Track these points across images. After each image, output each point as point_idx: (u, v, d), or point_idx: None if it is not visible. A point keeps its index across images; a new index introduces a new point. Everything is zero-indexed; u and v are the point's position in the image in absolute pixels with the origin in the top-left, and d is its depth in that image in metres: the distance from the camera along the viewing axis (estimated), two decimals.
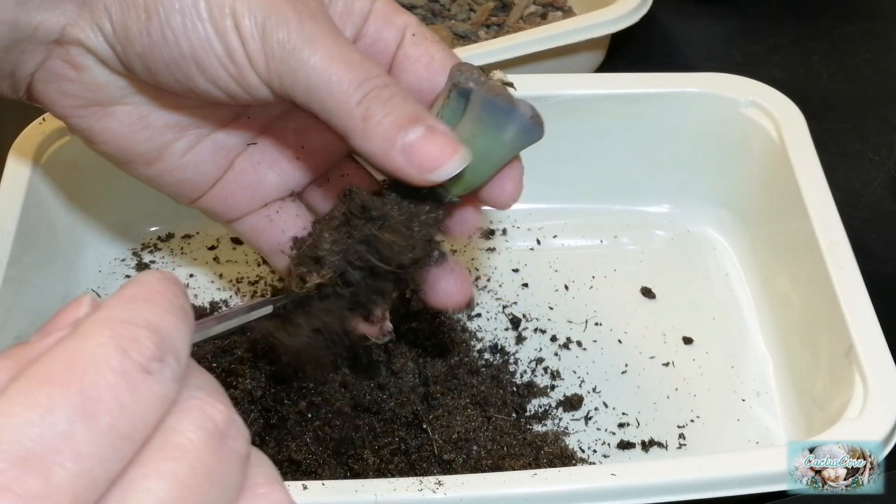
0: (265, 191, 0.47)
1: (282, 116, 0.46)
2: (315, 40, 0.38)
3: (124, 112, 0.43)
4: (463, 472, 0.49)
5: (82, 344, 0.23)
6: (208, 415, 0.24)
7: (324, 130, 0.46)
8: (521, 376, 0.57)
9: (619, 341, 0.60)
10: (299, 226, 0.48)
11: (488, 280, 0.63)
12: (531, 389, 0.56)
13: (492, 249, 0.65)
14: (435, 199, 0.42)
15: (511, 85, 0.42)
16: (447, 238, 0.47)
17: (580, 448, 0.54)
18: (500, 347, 0.59)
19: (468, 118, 0.41)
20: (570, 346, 0.60)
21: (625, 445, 0.55)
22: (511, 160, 0.43)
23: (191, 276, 0.63)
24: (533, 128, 0.42)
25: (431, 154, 0.39)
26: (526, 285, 0.63)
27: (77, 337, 0.23)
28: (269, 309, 0.44)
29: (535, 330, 0.60)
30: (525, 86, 0.60)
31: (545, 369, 0.58)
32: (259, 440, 0.51)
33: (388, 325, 0.47)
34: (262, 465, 0.26)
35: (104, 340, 0.23)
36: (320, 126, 0.46)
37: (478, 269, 0.64)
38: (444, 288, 0.46)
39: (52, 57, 0.41)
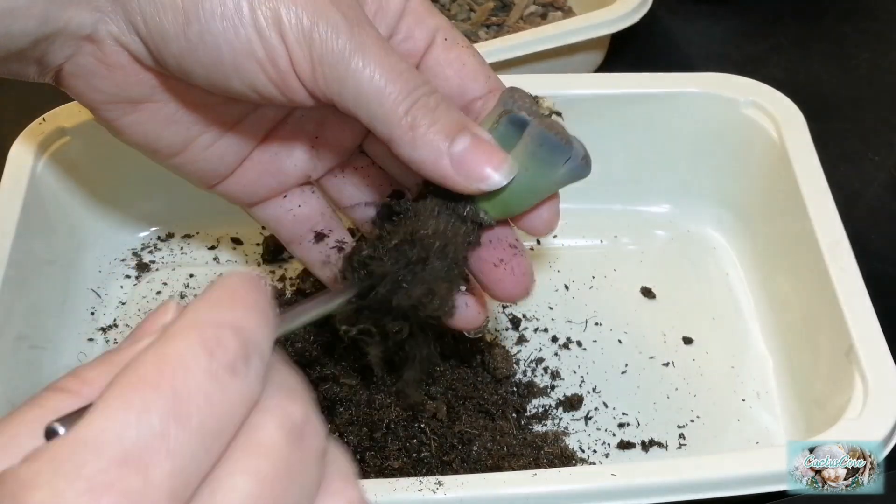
0: (283, 177, 0.48)
1: (299, 107, 0.46)
2: (365, 49, 0.38)
3: (152, 109, 0.43)
4: (463, 472, 0.49)
5: (171, 347, 0.24)
6: (288, 413, 0.25)
7: (337, 124, 0.47)
8: (522, 376, 0.57)
9: (619, 341, 0.60)
10: (320, 221, 0.49)
11: None
12: (531, 389, 0.56)
13: None
14: (472, 220, 0.42)
15: (559, 114, 0.41)
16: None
17: (580, 448, 0.54)
18: (500, 347, 0.59)
19: (521, 150, 0.40)
20: (570, 346, 0.60)
21: (625, 445, 0.55)
22: None
23: (191, 276, 0.63)
24: (584, 168, 0.41)
25: (479, 163, 0.39)
26: None
27: (166, 341, 0.24)
28: (351, 293, 0.42)
29: (535, 330, 0.60)
30: (525, 86, 0.61)
31: (545, 369, 0.58)
32: None
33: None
34: (338, 462, 0.27)
35: (192, 342, 0.24)
36: (334, 120, 0.46)
37: None
38: (461, 312, 0.46)
39: (84, 52, 0.40)
